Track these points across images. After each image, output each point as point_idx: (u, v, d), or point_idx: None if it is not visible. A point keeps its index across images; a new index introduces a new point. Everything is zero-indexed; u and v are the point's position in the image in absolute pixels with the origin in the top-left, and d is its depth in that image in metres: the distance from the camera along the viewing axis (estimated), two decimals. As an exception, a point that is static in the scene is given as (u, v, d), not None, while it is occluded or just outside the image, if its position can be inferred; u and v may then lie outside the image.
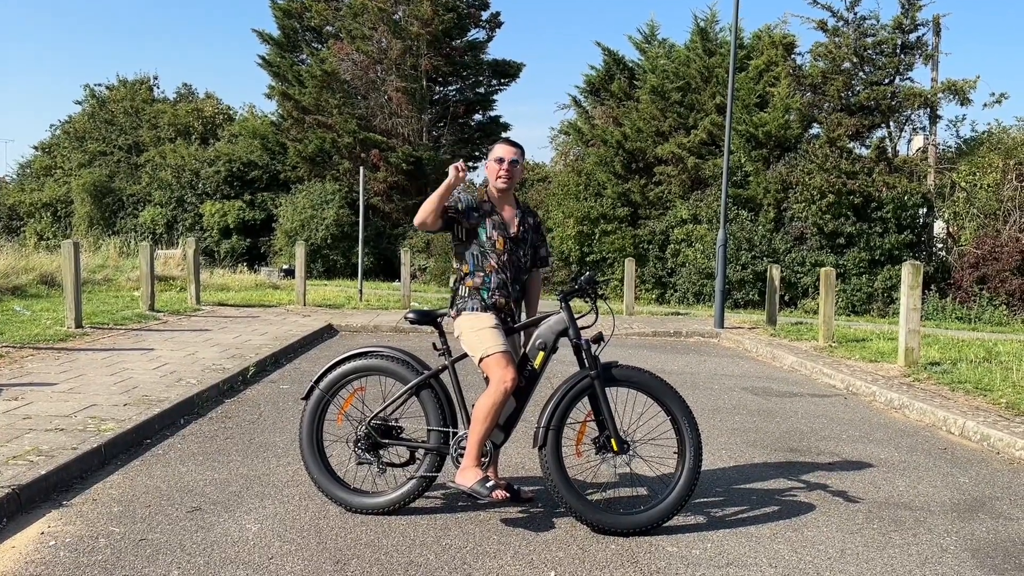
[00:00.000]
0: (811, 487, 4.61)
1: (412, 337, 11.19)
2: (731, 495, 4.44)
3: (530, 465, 5.00)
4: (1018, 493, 4.62)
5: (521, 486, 4.28)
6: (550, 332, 4.10)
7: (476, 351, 4.07)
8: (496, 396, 3.91)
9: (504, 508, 4.16)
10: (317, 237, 29.74)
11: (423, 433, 4.15)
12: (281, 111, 34.82)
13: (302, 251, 13.72)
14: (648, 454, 4.36)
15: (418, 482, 4.02)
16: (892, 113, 19.56)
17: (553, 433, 3.88)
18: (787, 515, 4.13)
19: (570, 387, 3.99)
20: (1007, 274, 16.74)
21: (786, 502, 4.32)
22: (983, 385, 7.34)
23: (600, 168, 23.19)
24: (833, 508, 4.25)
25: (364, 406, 4.26)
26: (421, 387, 4.15)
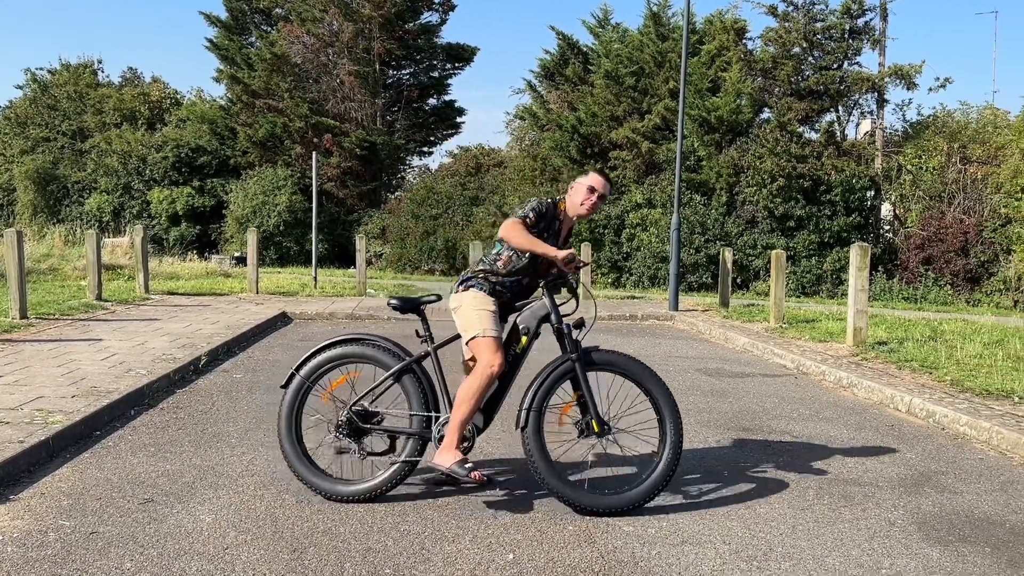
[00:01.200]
0: (763, 465, 4.70)
1: (383, 325, 11.11)
2: (685, 475, 4.50)
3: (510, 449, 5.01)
4: (962, 467, 4.77)
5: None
6: (533, 317, 4.15)
7: (471, 329, 4.07)
8: (482, 379, 3.95)
9: (462, 493, 4.16)
10: (269, 224, 29.29)
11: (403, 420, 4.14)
12: (230, 95, 34.15)
13: (254, 238, 13.51)
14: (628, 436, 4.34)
15: (400, 467, 4.01)
16: (841, 97, 19.92)
17: (534, 415, 3.94)
18: (740, 493, 4.21)
19: (552, 370, 4.08)
20: (951, 255, 17.22)
21: (739, 480, 4.40)
22: (929, 363, 7.54)
23: (556, 153, 23.23)
24: (785, 485, 4.34)
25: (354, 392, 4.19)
26: (403, 372, 4.14)
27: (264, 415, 5.75)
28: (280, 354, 8.42)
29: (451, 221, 26.47)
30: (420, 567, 3.28)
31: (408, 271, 26.50)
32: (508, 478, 4.43)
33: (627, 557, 3.39)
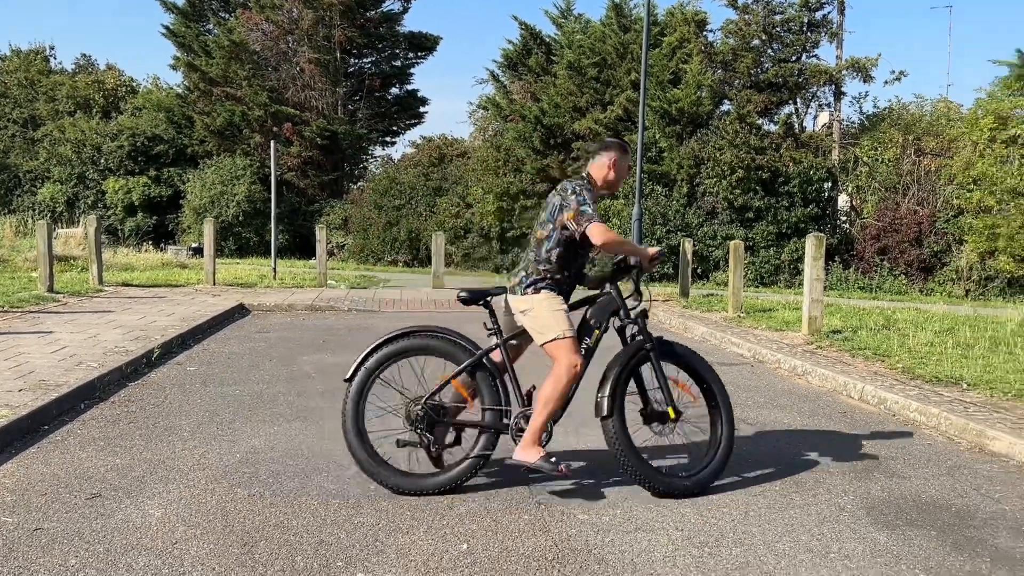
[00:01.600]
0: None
1: (344, 316, 11.01)
2: (642, 463, 4.52)
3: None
4: (911, 453, 4.87)
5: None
6: (603, 312, 4.21)
7: (550, 331, 3.99)
8: (567, 379, 3.94)
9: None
10: (228, 214, 28.86)
11: (474, 414, 4.13)
12: (187, 83, 33.52)
13: (210, 228, 13.28)
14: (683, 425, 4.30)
15: (474, 461, 4.01)
16: (799, 90, 20.16)
17: (619, 403, 4.01)
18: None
19: (629, 358, 4.13)
20: (906, 245, 17.54)
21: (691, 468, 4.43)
22: (881, 351, 7.68)
23: (519, 143, 23.20)
24: (739, 472, 4.39)
25: (422, 386, 4.17)
26: (477, 366, 4.10)
27: (218, 408, 5.66)
28: (236, 346, 8.31)
29: (414, 212, 26.32)
30: (373, 559, 3.26)
31: (371, 262, 26.30)
32: (464, 468, 4.40)
33: (581, 545, 3.40)
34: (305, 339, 8.77)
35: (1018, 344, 8.08)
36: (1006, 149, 16.58)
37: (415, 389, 4.19)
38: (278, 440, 4.88)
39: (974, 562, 3.30)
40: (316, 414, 5.49)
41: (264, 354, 7.81)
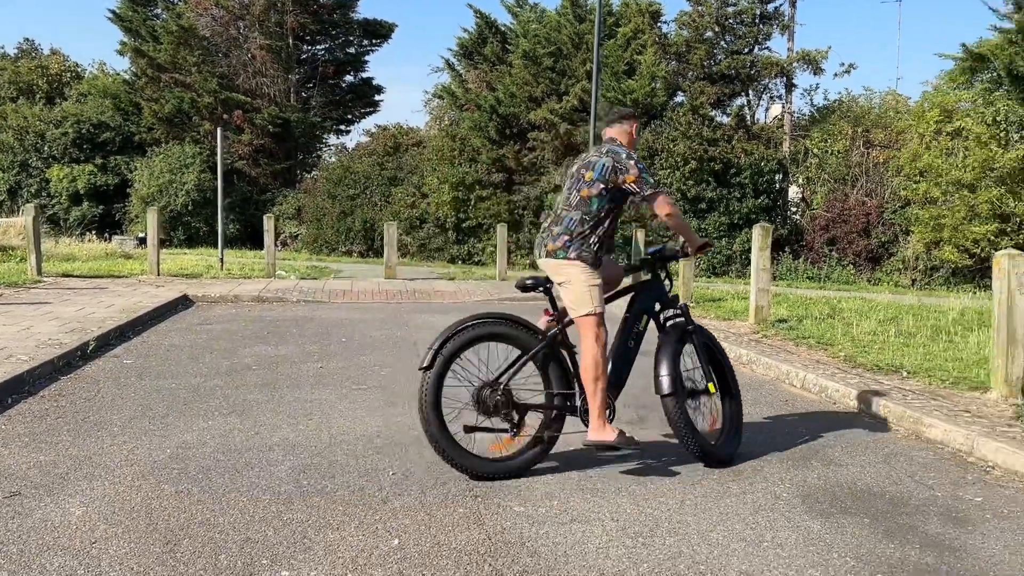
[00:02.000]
0: (660, 444, 4.73)
1: (292, 307, 10.81)
2: (581, 454, 4.48)
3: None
4: (849, 440, 4.91)
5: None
6: (650, 298, 4.47)
7: (585, 305, 4.09)
8: (599, 352, 4.06)
9: (351, 480, 4.04)
10: (177, 203, 28.27)
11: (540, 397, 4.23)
12: (135, 69, 32.70)
13: (154, 217, 12.94)
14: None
15: (546, 445, 4.13)
16: (751, 82, 20.36)
17: (680, 382, 4.28)
18: (634, 471, 4.22)
19: (676, 339, 4.39)
20: (854, 236, 17.85)
21: (634, 458, 4.41)
22: (825, 340, 7.77)
23: (475, 133, 23.05)
24: (678, 462, 4.38)
25: (488, 371, 4.18)
26: (545, 351, 4.15)
27: (152, 402, 5.49)
28: (177, 339, 8.09)
29: (369, 201, 26.03)
30: (299, 556, 3.16)
31: (325, 253, 25.96)
32: (400, 462, 4.32)
33: (515, 538, 3.35)
34: (249, 331, 8.58)
35: (958, 332, 8.24)
36: (951, 141, 16.93)
37: (478, 375, 4.19)
38: (211, 435, 4.74)
39: (904, 549, 3.32)
40: (252, 408, 5.35)
41: (205, 346, 7.62)
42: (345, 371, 6.51)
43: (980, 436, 4.58)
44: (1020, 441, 4.48)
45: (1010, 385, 5.45)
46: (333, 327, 8.90)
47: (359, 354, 7.27)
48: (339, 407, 5.35)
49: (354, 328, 8.85)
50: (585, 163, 4.21)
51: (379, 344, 7.84)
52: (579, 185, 4.14)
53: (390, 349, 7.57)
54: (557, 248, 4.09)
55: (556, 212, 4.24)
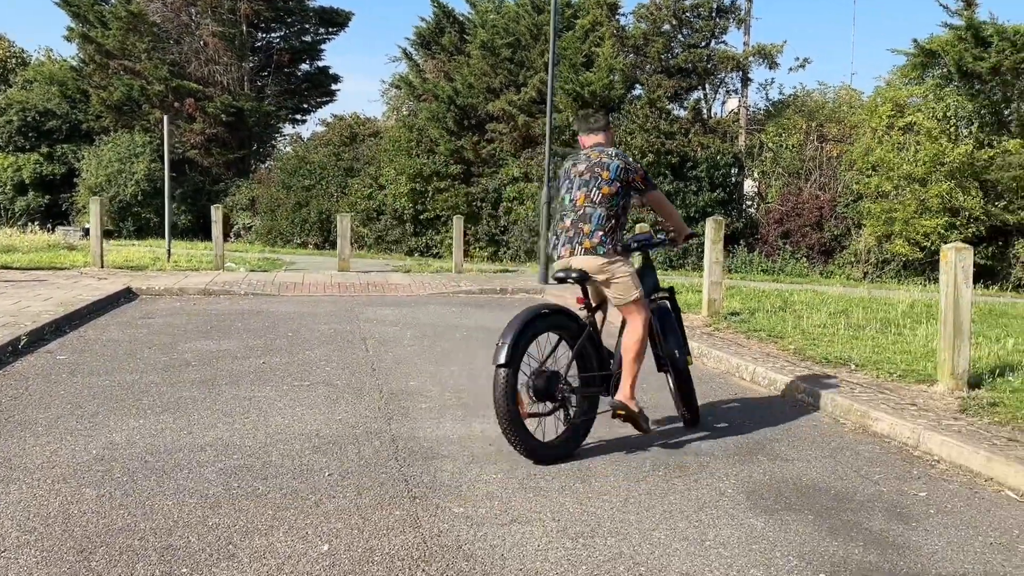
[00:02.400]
0: (606, 440, 4.64)
1: (239, 301, 10.53)
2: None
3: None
4: (796, 435, 4.87)
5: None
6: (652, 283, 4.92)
7: (631, 292, 4.49)
8: (643, 331, 4.50)
9: (284, 482, 3.88)
10: (126, 193, 27.58)
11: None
12: (82, 55, 31.80)
13: (97, 207, 12.55)
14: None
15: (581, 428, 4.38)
16: (708, 75, 20.43)
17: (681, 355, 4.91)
18: (578, 469, 4.12)
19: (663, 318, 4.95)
20: (807, 229, 18.02)
21: (579, 456, 4.31)
22: (776, 332, 7.77)
23: (432, 124, 22.80)
24: (623, 458, 4.29)
25: (554, 360, 4.38)
26: (588, 337, 4.46)
27: (82, 400, 5.25)
28: (116, 333, 7.81)
29: (325, 192, 25.64)
30: (222, 564, 3.00)
31: (279, 244, 25.53)
32: (338, 461, 4.17)
33: (451, 541, 3.22)
34: (192, 325, 8.32)
35: (907, 325, 8.31)
36: (903, 136, 17.16)
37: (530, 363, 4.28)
38: (141, 435, 4.53)
39: (847, 547, 3.27)
40: (188, 406, 5.15)
41: (144, 341, 7.36)
42: (288, 367, 6.32)
43: (926, 430, 4.57)
44: (965, 435, 4.48)
45: (956, 378, 5.47)
46: (280, 321, 8.68)
47: (304, 349, 7.07)
48: (279, 404, 5.17)
49: (302, 322, 8.64)
50: (596, 163, 4.51)
51: (326, 339, 7.65)
52: (598, 184, 4.46)
53: (336, 344, 7.39)
54: (595, 244, 4.41)
55: (576, 211, 4.47)
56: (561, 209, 4.57)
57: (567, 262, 4.44)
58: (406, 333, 8.10)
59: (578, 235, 4.43)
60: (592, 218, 4.41)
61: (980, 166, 16.24)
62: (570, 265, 4.42)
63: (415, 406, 5.19)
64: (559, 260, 4.51)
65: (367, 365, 6.45)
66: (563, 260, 4.47)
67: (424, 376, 6.12)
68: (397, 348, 7.27)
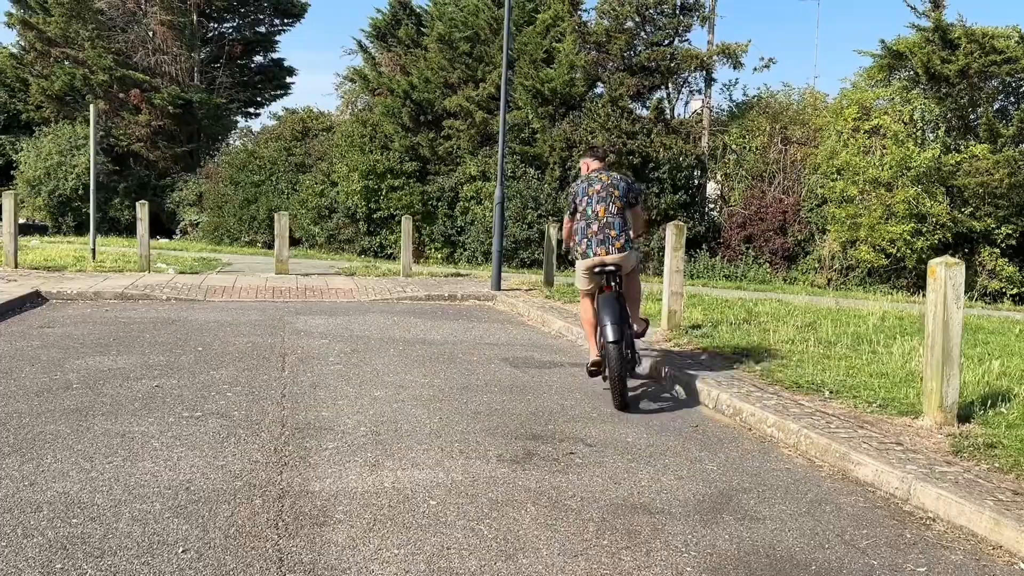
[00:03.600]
0: (544, 490, 3.89)
1: (158, 307, 9.58)
2: (447, 507, 3.60)
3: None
4: (767, 481, 4.17)
5: None
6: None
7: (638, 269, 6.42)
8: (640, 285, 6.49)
9: (122, 562, 3.05)
10: (66, 187, 26.26)
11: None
12: (22, 42, 30.28)
13: (10, 202, 11.51)
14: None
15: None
16: (671, 74, 19.81)
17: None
18: (506, 535, 3.36)
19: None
20: (771, 233, 17.51)
21: (510, 516, 3.55)
22: (741, 349, 7.10)
23: (387, 119, 21.88)
24: (562, 518, 3.54)
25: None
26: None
27: (-83, 435, 4.35)
28: (5, 346, 6.87)
29: (275, 189, 24.59)
30: None
31: (227, 242, 24.41)
32: (202, 529, 3.35)
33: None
34: (93, 336, 7.41)
35: (880, 341, 7.69)
36: (869, 139, 16.72)
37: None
38: None
39: (837, 656, 2.55)
40: (46, 444, 4.28)
41: (30, 357, 6.44)
42: (183, 391, 5.46)
43: (917, 480, 3.89)
44: (963, 486, 3.81)
45: (945, 411, 4.81)
46: (195, 332, 7.79)
47: (210, 368, 6.22)
48: (155, 443, 4.33)
49: (218, 333, 7.76)
50: (609, 184, 5.96)
51: (240, 355, 6.80)
52: (613, 199, 5.89)
53: (250, 361, 6.54)
54: (624, 243, 5.83)
55: (599, 220, 5.84)
56: (585, 218, 5.90)
57: (602, 259, 5.77)
58: (334, 347, 7.27)
59: (608, 239, 5.80)
60: (615, 226, 5.83)
61: (947, 171, 15.84)
62: (604, 261, 5.76)
63: (319, 446, 4.38)
64: (593, 257, 5.80)
65: (278, 389, 5.62)
66: (598, 257, 5.79)
67: (341, 403, 5.32)
68: (319, 366, 6.45)
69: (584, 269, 5.87)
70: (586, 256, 5.84)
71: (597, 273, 5.77)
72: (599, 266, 5.74)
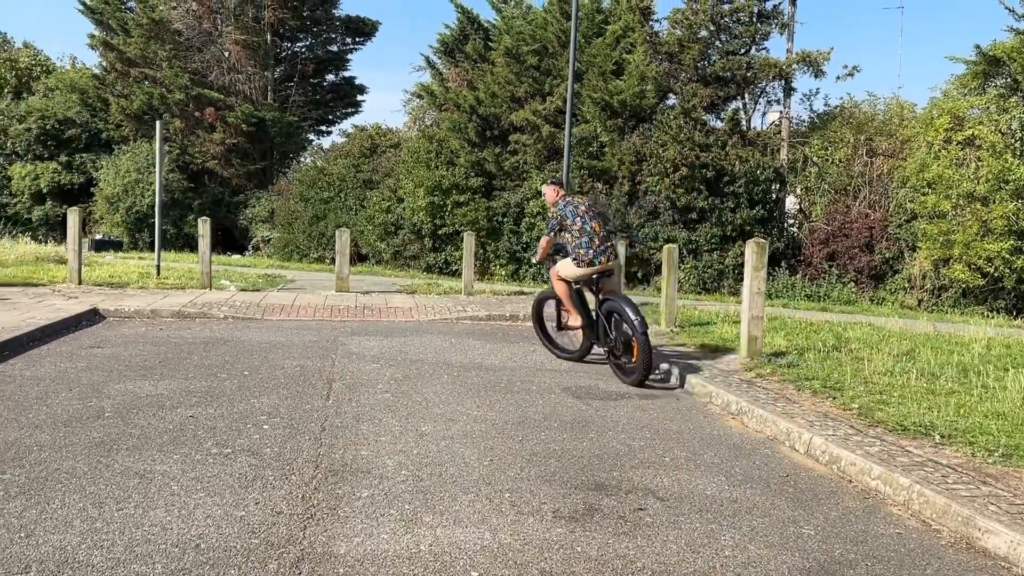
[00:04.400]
0: (607, 560, 3.30)
1: (213, 325, 9.35)
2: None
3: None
4: (876, 551, 3.49)
5: None
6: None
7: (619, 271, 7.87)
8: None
9: None
10: (143, 204, 26.83)
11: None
12: (104, 63, 31.27)
13: (75, 218, 11.50)
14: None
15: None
16: (747, 84, 19.00)
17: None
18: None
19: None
20: (856, 251, 16.49)
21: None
22: (832, 383, 6.36)
23: (453, 135, 21.62)
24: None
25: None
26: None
27: (-72, 471, 4.03)
28: (47, 367, 6.64)
29: (343, 205, 24.59)
30: None
31: (296, 259, 24.49)
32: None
33: None
34: (140, 358, 7.14)
35: (991, 373, 6.83)
36: (962, 151, 15.60)
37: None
38: None
39: None
40: (58, 484, 3.89)
41: (70, 380, 6.17)
42: (216, 423, 5.06)
43: (1069, 559, 3.17)
44: None
45: (1090, 467, 4.04)
46: (244, 354, 7.46)
47: (252, 396, 5.82)
48: (174, 486, 3.91)
49: (268, 355, 7.41)
50: (590, 205, 7.43)
51: (286, 380, 6.40)
52: (596, 219, 7.28)
53: (295, 388, 6.13)
54: (612, 254, 7.27)
55: (597, 235, 7.17)
56: (586, 234, 7.15)
57: (605, 266, 7.20)
58: (385, 373, 6.82)
59: (607, 249, 7.21)
60: (608, 239, 7.30)
61: (1050, 185, 14.62)
62: (607, 268, 7.22)
63: (352, 494, 3.89)
64: (598, 264, 7.15)
65: (318, 422, 5.18)
66: (602, 265, 7.18)
67: (383, 440, 4.83)
68: (366, 395, 5.99)
69: (588, 273, 7.20)
70: (592, 264, 7.13)
71: (595, 277, 7.23)
72: (599, 272, 7.20)
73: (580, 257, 7.12)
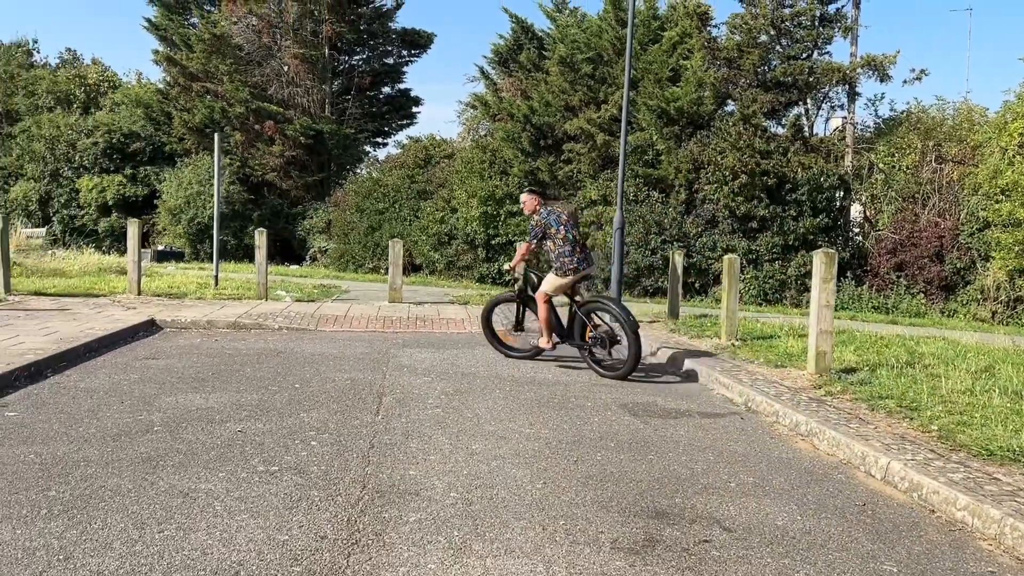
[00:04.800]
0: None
1: (268, 336, 9.35)
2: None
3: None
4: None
5: None
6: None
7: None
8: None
9: None
10: (204, 215, 27.30)
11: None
12: (168, 78, 32.06)
13: (135, 230, 11.67)
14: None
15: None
16: (809, 90, 18.47)
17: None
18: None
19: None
20: (925, 260, 15.83)
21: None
22: (908, 402, 5.98)
23: (507, 144, 21.53)
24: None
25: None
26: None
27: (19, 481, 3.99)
28: (102, 379, 6.66)
29: (397, 216, 24.68)
30: None
31: (352, 269, 24.66)
32: None
33: None
34: (193, 370, 7.12)
35: (1081, 393, 6.35)
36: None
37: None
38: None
39: None
40: (101, 502, 3.81)
41: (123, 392, 6.16)
42: (265, 439, 4.96)
43: None
44: None
45: None
46: (296, 366, 7.39)
47: (301, 410, 5.72)
48: (217, 506, 3.79)
49: (320, 367, 7.33)
50: (570, 215, 7.79)
51: (336, 393, 6.29)
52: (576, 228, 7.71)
53: (345, 402, 6.01)
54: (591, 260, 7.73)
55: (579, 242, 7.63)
56: (569, 243, 7.52)
57: (587, 272, 7.65)
58: (436, 387, 6.67)
59: (588, 257, 7.68)
60: (586, 247, 7.84)
61: None
62: (589, 274, 7.70)
63: (399, 517, 3.71)
64: (582, 271, 7.60)
65: (367, 439, 5.03)
66: (584, 271, 7.62)
67: (433, 459, 4.66)
68: (416, 410, 5.83)
69: (573, 281, 7.57)
70: (576, 271, 7.53)
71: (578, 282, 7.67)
72: (581, 278, 7.64)
73: (564, 265, 7.51)
